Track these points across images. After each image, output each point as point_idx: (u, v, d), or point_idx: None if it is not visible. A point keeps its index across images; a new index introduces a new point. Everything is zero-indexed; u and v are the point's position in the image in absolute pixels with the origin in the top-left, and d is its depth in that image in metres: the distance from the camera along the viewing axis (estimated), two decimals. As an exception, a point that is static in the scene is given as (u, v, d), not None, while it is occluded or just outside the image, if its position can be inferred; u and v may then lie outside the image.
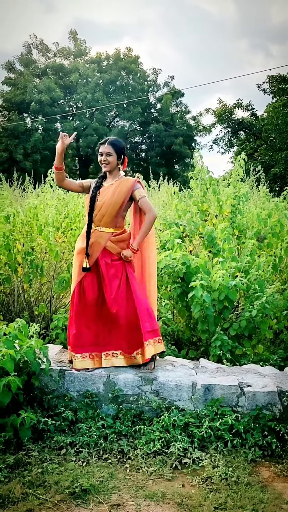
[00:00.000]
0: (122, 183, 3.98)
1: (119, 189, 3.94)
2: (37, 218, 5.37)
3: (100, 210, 3.94)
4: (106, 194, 3.95)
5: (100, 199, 3.95)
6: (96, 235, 3.96)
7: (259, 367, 4.24)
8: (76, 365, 3.94)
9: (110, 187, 3.98)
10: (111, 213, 3.93)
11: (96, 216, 3.96)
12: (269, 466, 3.33)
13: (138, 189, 3.98)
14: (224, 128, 26.13)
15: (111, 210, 3.92)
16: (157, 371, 3.95)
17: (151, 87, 37.80)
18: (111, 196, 3.93)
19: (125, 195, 3.94)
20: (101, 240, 3.95)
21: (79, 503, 2.84)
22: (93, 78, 35.08)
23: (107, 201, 3.92)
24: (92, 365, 3.95)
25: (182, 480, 3.14)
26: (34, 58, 35.47)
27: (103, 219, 3.94)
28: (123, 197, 3.94)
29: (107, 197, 3.93)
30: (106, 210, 3.92)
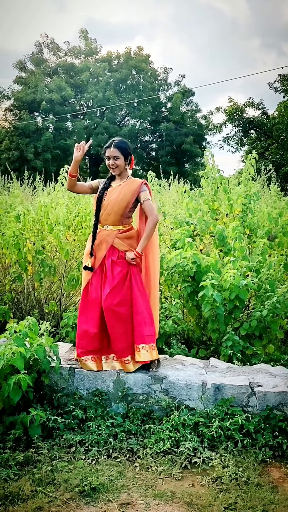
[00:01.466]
0: (129, 184, 4.00)
1: (125, 189, 3.96)
2: (48, 217, 5.38)
3: (106, 210, 3.96)
4: (113, 194, 3.97)
5: (107, 198, 3.97)
6: (103, 234, 3.98)
7: (269, 367, 4.21)
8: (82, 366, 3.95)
9: (118, 188, 4.00)
10: (117, 213, 3.94)
11: (103, 216, 3.98)
12: (280, 466, 3.31)
13: (144, 192, 3.99)
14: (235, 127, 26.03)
15: (117, 210, 3.94)
16: (167, 370, 3.94)
17: (162, 86, 37.74)
18: (117, 196, 3.94)
19: (131, 196, 3.96)
20: (108, 238, 3.96)
21: (88, 501, 2.84)
22: (103, 77, 35.10)
23: (113, 200, 3.94)
24: (95, 368, 3.94)
25: (192, 480, 3.12)
26: (45, 57, 35.55)
27: (109, 218, 3.96)
28: (129, 197, 3.95)
29: (113, 197, 3.95)
30: (112, 209, 3.94)
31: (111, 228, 3.98)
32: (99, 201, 4.01)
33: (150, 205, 3.98)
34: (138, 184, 3.99)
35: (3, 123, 32.61)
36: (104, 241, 3.97)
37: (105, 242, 3.97)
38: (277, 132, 24.44)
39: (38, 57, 35.00)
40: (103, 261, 3.98)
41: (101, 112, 35.09)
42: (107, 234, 3.97)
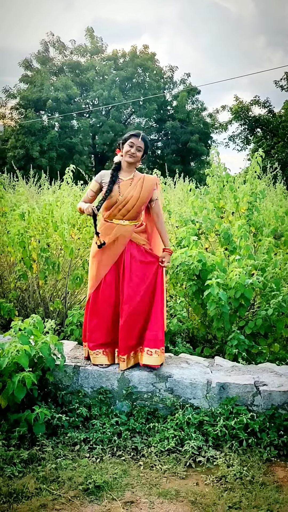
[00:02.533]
0: (146, 179, 3.98)
1: (145, 185, 3.94)
2: (53, 215, 5.38)
3: (125, 205, 3.89)
4: (131, 189, 3.91)
5: (125, 194, 3.90)
6: (121, 229, 3.91)
7: (275, 366, 4.20)
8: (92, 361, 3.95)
9: (131, 181, 3.95)
10: (137, 208, 3.91)
11: (120, 211, 3.90)
12: (285, 466, 3.29)
13: (156, 190, 4.00)
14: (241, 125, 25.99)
15: (138, 205, 3.90)
16: (171, 369, 3.93)
17: (167, 84, 37.70)
18: (138, 191, 3.90)
19: (150, 191, 3.95)
20: (126, 233, 3.91)
21: (92, 499, 2.84)
22: (109, 76, 35.11)
23: (135, 196, 3.89)
24: (107, 362, 3.94)
25: (196, 479, 3.11)
26: (51, 56, 35.60)
27: (128, 213, 3.90)
28: (149, 193, 3.94)
29: (134, 192, 3.89)
30: (132, 205, 3.88)
31: (128, 223, 3.93)
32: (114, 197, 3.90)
33: (159, 205, 4.04)
34: (154, 181, 4.02)
35: (9, 121, 32.67)
36: (122, 236, 3.91)
37: (123, 237, 3.91)
38: (283, 130, 24.37)
39: (44, 56, 35.05)
40: (121, 257, 3.93)
41: (106, 110, 35.11)
42: (125, 230, 3.92)
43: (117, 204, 3.90)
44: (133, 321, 3.90)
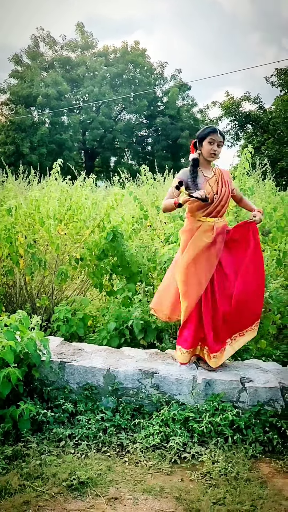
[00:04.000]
0: (225, 173, 4.00)
1: (228, 179, 3.97)
2: (39, 211, 5.35)
3: (220, 203, 3.85)
4: (221, 186, 3.88)
5: (219, 191, 3.85)
6: (219, 227, 3.87)
7: (261, 363, 4.20)
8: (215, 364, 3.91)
9: (216, 178, 3.89)
10: (228, 204, 3.97)
11: (216, 208, 3.84)
12: (270, 462, 3.30)
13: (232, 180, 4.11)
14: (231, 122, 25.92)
15: (228, 202, 3.97)
16: (157, 365, 3.92)
17: (158, 80, 37.62)
18: (226, 189, 3.90)
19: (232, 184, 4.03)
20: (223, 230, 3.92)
21: (76, 495, 2.82)
22: (100, 72, 34.97)
23: (226, 192, 3.89)
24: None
25: (181, 475, 3.11)
26: (41, 51, 35.39)
27: (222, 210, 3.89)
28: (232, 186, 4.01)
29: (225, 188, 3.89)
30: (225, 203, 3.89)
31: (221, 220, 3.93)
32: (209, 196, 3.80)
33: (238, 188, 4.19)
34: (229, 173, 4.07)
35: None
36: (221, 233, 3.89)
37: (222, 234, 3.90)
38: (274, 126, 24.39)
39: (34, 51, 34.85)
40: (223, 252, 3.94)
41: (97, 106, 34.98)
42: (222, 227, 3.91)
43: (215, 202, 3.83)
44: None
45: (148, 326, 4.59)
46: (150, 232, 6.31)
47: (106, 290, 5.61)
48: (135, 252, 5.44)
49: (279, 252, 5.56)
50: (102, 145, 34.88)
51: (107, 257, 5.37)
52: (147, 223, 6.10)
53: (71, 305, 5.30)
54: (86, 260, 5.33)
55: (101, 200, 6.21)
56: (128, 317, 4.66)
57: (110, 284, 5.64)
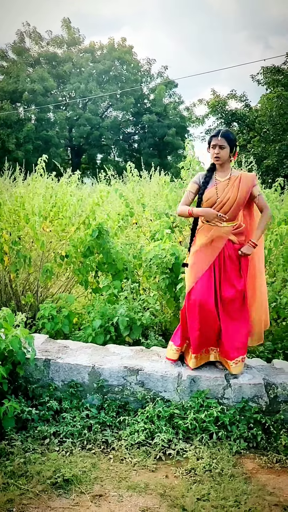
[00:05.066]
0: (244, 178, 3.82)
1: (242, 186, 3.78)
2: (24, 207, 5.31)
3: (223, 207, 3.78)
4: (228, 190, 3.79)
5: (222, 195, 3.78)
6: (218, 231, 3.81)
7: (246, 359, 4.21)
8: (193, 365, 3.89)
9: (229, 182, 3.82)
10: (235, 209, 3.80)
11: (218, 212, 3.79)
12: (254, 458, 3.33)
13: (256, 186, 3.84)
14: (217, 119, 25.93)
15: (235, 207, 3.78)
16: (143, 362, 3.92)
17: (145, 78, 37.57)
18: (235, 192, 3.77)
19: (247, 191, 3.79)
20: (224, 234, 3.82)
21: (60, 493, 2.82)
22: (86, 68, 34.83)
23: (232, 197, 3.77)
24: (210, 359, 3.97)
25: (166, 471, 3.12)
26: (27, 47, 35.12)
27: (227, 215, 3.78)
28: (245, 194, 3.79)
29: (231, 193, 3.77)
30: (230, 206, 3.77)
31: (225, 225, 3.81)
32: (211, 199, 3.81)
33: (264, 199, 3.89)
34: (252, 178, 3.83)
35: (-16, 113, 32.21)
36: (220, 237, 3.82)
37: (219, 239, 3.82)
38: (260, 124, 24.46)
39: (20, 46, 34.57)
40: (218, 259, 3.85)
41: (83, 103, 34.85)
42: (224, 231, 3.82)
43: (215, 206, 3.80)
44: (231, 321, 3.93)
45: (134, 323, 4.59)
46: (135, 229, 6.31)
47: (92, 287, 5.59)
48: (121, 249, 5.43)
49: (264, 249, 5.57)
50: (88, 142, 34.75)
51: (93, 254, 5.35)
52: (133, 220, 6.09)
53: (56, 302, 5.27)
54: (72, 257, 5.31)
55: (86, 197, 6.19)
56: (113, 314, 4.66)
57: (96, 281, 5.62)
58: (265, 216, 3.85)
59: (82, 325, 5.07)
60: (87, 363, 3.85)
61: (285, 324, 5.10)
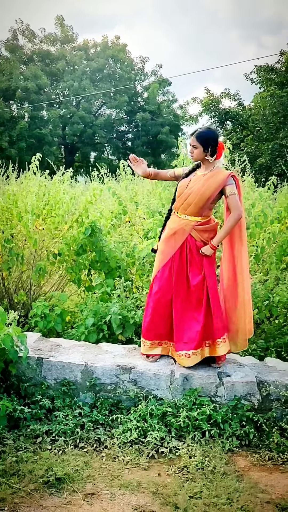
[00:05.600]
0: (215, 175, 3.79)
1: (210, 181, 3.77)
2: (17, 205, 5.29)
3: (187, 199, 3.81)
4: (196, 184, 3.81)
5: (190, 187, 3.82)
6: (181, 223, 3.86)
7: (238, 357, 4.23)
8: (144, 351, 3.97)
9: (202, 177, 3.83)
10: (198, 204, 3.78)
11: (183, 204, 3.84)
12: (246, 455, 3.33)
13: (230, 185, 3.76)
14: (211, 118, 25.95)
15: (197, 201, 3.78)
16: (135, 360, 3.92)
17: (138, 76, 37.53)
18: (200, 187, 3.77)
19: (216, 188, 3.75)
20: (186, 227, 3.84)
21: (53, 492, 2.81)
22: (80, 66, 34.74)
23: (196, 190, 3.77)
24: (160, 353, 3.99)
25: (158, 469, 3.12)
26: (20, 44, 34.98)
27: (189, 208, 3.81)
28: (213, 189, 3.76)
29: (196, 186, 3.79)
30: (193, 199, 3.78)
31: (188, 219, 3.84)
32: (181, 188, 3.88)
33: (235, 201, 3.74)
34: (224, 177, 3.76)
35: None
36: (181, 231, 3.85)
37: (182, 232, 3.85)
38: (253, 123, 24.51)
39: (13, 44, 34.44)
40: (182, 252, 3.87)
41: (77, 101, 34.77)
42: (185, 224, 3.84)
43: (181, 197, 3.85)
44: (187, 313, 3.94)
45: (126, 321, 4.58)
46: (129, 228, 6.30)
47: (85, 286, 5.58)
48: (114, 248, 5.42)
49: (257, 247, 5.59)
50: (82, 140, 34.66)
51: (86, 252, 5.34)
52: (126, 219, 6.08)
53: (49, 300, 5.26)
54: (64, 256, 5.29)
55: (79, 195, 6.17)
56: (106, 313, 4.65)
57: (89, 279, 5.61)
58: (230, 218, 3.77)
59: (75, 323, 5.05)
60: (80, 362, 3.84)
61: (278, 322, 5.11)
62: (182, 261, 3.88)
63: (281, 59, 22.53)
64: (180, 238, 3.86)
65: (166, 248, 3.94)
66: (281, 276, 5.38)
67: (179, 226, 3.87)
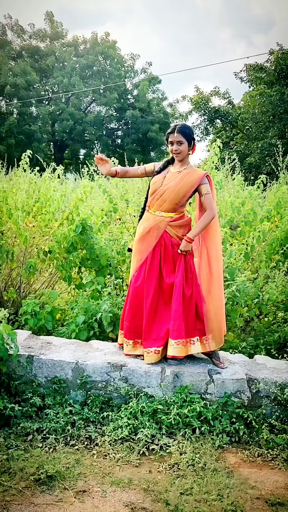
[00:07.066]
0: (190, 173, 3.82)
1: (186, 179, 3.79)
2: (7, 202, 5.27)
3: (162, 196, 3.81)
4: (171, 181, 3.81)
5: (165, 184, 3.82)
6: (156, 220, 3.86)
7: (228, 355, 4.25)
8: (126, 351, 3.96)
9: (177, 175, 3.83)
10: (173, 201, 3.80)
11: (158, 201, 3.84)
12: (236, 452, 3.36)
13: (204, 184, 3.81)
14: (201, 116, 26.02)
15: (173, 198, 3.79)
16: (126, 358, 3.93)
17: (128, 73, 37.47)
18: (175, 184, 3.79)
19: (191, 186, 3.79)
20: (161, 224, 3.84)
21: (44, 489, 2.81)
22: (69, 62, 34.59)
23: (171, 188, 3.78)
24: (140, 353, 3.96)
25: (149, 466, 3.13)
26: (9, 40, 34.74)
27: (164, 205, 3.82)
28: (188, 188, 3.79)
29: (171, 184, 3.80)
30: (168, 196, 3.79)
31: (163, 215, 3.85)
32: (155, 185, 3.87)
33: (210, 200, 3.79)
34: (199, 176, 3.80)
35: None
36: (156, 227, 3.85)
37: (157, 229, 3.85)
38: (242, 122, 24.61)
39: (2, 39, 34.19)
40: (156, 249, 3.87)
41: (66, 98, 34.62)
42: (160, 221, 3.85)
43: (155, 194, 3.84)
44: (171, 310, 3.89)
45: (117, 319, 4.59)
46: (119, 225, 6.30)
47: (75, 283, 5.58)
48: (104, 245, 5.42)
49: (246, 246, 5.63)
50: (71, 137, 34.54)
51: (76, 250, 5.34)
52: (117, 216, 6.08)
53: (39, 298, 5.25)
54: (55, 253, 5.29)
55: (70, 192, 6.16)
56: (97, 310, 4.65)
57: (79, 277, 5.61)
58: (205, 217, 3.80)
59: (66, 321, 5.05)
60: (71, 359, 3.84)
61: (267, 320, 5.15)
62: (155, 258, 3.89)
63: (271, 58, 22.62)
64: (155, 235, 3.87)
65: (142, 247, 3.93)
66: (270, 274, 5.42)
67: (154, 223, 3.87)
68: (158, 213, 3.87)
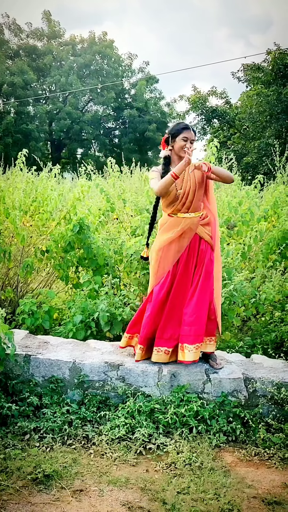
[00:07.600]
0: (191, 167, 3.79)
1: (196, 172, 3.78)
2: (4, 201, 5.27)
3: (188, 197, 3.76)
4: (187, 180, 3.77)
5: (183, 186, 3.76)
6: (188, 222, 3.77)
7: (225, 354, 4.26)
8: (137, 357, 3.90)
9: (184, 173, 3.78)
10: (198, 198, 3.79)
11: (184, 204, 3.76)
12: (233, 451, 3.36)
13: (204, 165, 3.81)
14: (198, 116, 26.03)
15: (198, 195, 3.78)
16: (123, 357, 3.94)
17: (126, 72, 37.45)
18: (194, 180, 3.77)
19: (202, 176, 3.79)
20: (193, 226, 3.78)
21: (41, 488, 2.81)
22: (67, 61, 34.58)
23: (192, 186, 3.76)
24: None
25: (146, 466, 3.14)
26: (6, 38, 34.69)
27: (192, 205, 3.77)
28: (202, 178, 3.80)
29: (191, 182, 3.76)
30: (193, 195, 3.75)
31: (194, 215, 3.79)
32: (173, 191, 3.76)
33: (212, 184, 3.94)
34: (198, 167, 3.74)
35: None
36: (189, 230, 3.78)
37: (190, 231, 3.78)
38: (240, 121, 24.62)
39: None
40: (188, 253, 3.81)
41: (64, 97, 34.60)
42: (192, 222, 3.78)
43: (180, 199, 3.76)
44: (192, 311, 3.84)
45: (114, 318, 4.60)
46: (116, 225, 6.31)
47: (72, 283, 5.58)
48: (102, 245, 5.42)
49: (243, 245, 5.64)
50: (69, 136, 34.53)
51: (73, 249, 5.34)
52: (114, 216, 6.09)
53: (37, 297, 5.25)
54: (52, 252, 5.29)
55: (67, 191, 6.16)
56: (94, 310, 4.65)
57: (76, 276, 5.61)
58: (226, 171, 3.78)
59: (63, 320, 5.05)
60: (68, 359, 3.84)
61: (264, 319, 5.16)
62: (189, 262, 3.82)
63: (268, 58, 22.63)
64: (187, 237, 3.80)
65: (168, 253, 3.82)
66: (267, 274, 5.43)
67: (186, 225, 3.78)
68: (188, 215, 3.79)
